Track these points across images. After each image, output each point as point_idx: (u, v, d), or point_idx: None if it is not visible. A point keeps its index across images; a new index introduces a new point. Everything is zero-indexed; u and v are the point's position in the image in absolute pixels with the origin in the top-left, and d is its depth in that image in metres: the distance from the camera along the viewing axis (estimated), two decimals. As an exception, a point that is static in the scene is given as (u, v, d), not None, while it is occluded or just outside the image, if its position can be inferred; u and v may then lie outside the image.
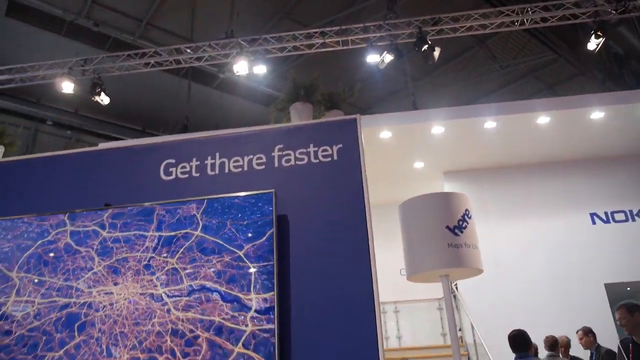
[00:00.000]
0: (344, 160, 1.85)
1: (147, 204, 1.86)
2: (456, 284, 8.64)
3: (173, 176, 1.97)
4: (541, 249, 8.70)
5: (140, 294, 1.66)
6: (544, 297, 8.10)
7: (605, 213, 9.48)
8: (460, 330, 9.25)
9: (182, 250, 1.76)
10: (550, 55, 11.63)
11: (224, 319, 1.61)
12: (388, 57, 6.94)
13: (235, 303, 1.64)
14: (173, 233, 1.79)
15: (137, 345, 1.55)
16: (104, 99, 7.79)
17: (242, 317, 1.61)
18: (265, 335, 1.57)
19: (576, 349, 5.94)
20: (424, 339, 9.61)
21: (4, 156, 2.32)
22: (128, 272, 1.70)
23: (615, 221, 9.43)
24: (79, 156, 2.09)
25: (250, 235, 1.74)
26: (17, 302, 1.61)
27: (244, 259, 1.71)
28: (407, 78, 10.29)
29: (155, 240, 1.78)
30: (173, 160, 2.00)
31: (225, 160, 1.95)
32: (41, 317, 1.61)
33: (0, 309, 1.65)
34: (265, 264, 1.68)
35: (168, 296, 1.65)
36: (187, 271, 1.71)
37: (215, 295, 1.66)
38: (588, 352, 5.57)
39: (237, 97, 12.77)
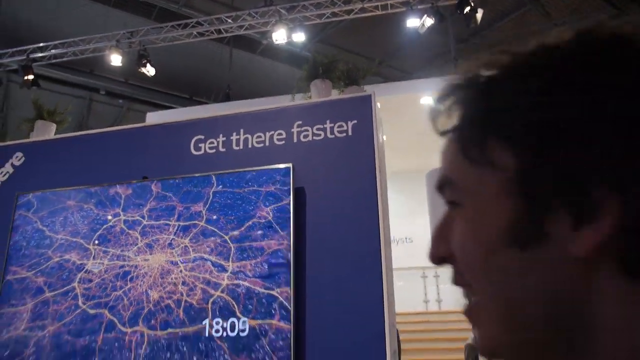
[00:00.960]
0: (358, 136, 1.96)
1: (178, 177, 2.06)
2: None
3: (202, 151, 2.16)
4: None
5: (165, 260, 1.95)
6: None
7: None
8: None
9: (202, 220, 1.96)
10: (611, 12, 10.89)
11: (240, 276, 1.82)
12: (428, 21, 6.79)
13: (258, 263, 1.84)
14: (198, 205, 1.99)
15: (162, 290, 1.95)
16: (149, 70, 8.12)
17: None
18: (280, 296, 1.77)
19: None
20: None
21: (55, 133, 2.58)
22: (158, 245, 1.98)
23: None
24: (122, 133, 2.31)
25: (270, 205, 1.91)
26: (93, 264, 2.02)
27: (264, 226, 1.89)
28: (449, 40, 9.98)
29: (182, 213, 1.99)
30: (202, 137, 2.17)
31: (249, 136, 2.11)
32: (108, 272, 1.99)
33: (85, 267, 2.06)
34: (284, 234, 1.85)
35: (182, 262, 1.89)
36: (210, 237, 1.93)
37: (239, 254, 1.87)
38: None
39: (280, 63, 12.89)
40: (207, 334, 1.84)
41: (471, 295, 0.39)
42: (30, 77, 8.38)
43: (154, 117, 8.49)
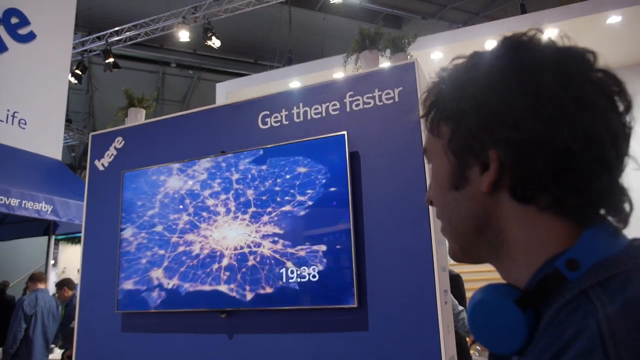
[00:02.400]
0: (404, 101, 2.15)
1: (251, 149, 2.39)
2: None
3: (268, 125, 2.45)
4: None
5: (240, 225, 2.28)
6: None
7: None
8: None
9: (271, 185, 2.28)
10: None
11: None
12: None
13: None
14: (268, 174, 2.31)
15: (233, 251, 2.19)
16: (215, 43, 8.51)
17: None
18: (341, 247, 2.07)
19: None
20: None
21: (145, 118, 3.00)
22: (240, 211, 2.31)
23: None
24: (200, 114, 2.66)
25: (330, 168, 2.19)
26: (189, 231, 2.33)
27: (325, 188, 2.18)
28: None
29: (258, 178, 2.33)
30: (268, 112, 2.46)
31: (308, 108, 2.37)
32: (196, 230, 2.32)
33: (183, 232, 2.38)
34: (343, 192, 2.14)
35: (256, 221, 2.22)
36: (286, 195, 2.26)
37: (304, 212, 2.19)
38: None
39: (340, 18, 12.78)
40: (284, 279, 2.20)
41: (440, 221, 0.59)
42: (111, 60, 9.12)
43: (223, 87, 8.95)
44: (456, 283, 3.67)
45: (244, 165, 2.38)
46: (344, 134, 2.18)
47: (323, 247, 2.16)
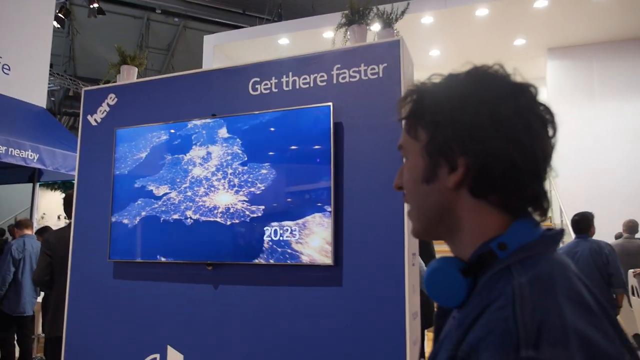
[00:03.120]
0: (387, 77, 2.28)
1: (241, 114, 2.51)
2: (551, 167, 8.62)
3: (258, 92, 2.56)
4: (651, 131, 8.14)
5: (223, 186, 2.44)
6: (644, 182, 7.79)
7: None
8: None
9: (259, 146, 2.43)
10: None
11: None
12: None
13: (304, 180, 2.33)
14: (260, 134, 2.45)
15: (219, 209, 2.37)
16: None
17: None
18: (323, 205, 2.26)
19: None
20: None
21: (137, 76, 3.07)
22: (220, 177, 2.46)
23: None
24: (193, 76, 2.75)
25: (314, 137, 2.33)
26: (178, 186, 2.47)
27: (309, 155, 2.34)
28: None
29: (246, 142, 2.47)
30: (258, 79, 2.57)
31: (296, 78, 2.48)
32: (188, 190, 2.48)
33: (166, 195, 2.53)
34: (325, 159, 2.30)
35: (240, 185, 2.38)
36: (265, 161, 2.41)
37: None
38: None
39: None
40: (267, 235, 2.39)
41: (408, 206, 0.74)
42: (96, 5, 8.86)
43: (210, 40, 8.83)
44: (426, 245, 3.93)
45: (234, 129, 2.51)
46: (329, 105, 2.32)
47: (305, 209, 2.34)
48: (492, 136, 0.62)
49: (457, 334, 0.59)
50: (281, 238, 2.36)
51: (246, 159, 2.47)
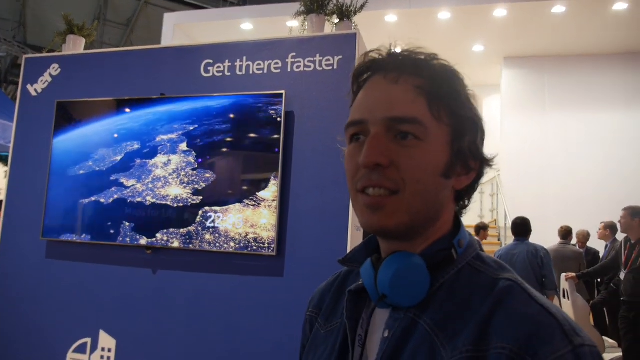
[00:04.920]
0: (342, 70, 2.27)
1: (191, 95, 2.44)
2: (499, 172, 8.96)
3: (210, 74, 2.50)
4: (595, 143, 8.51)
5: (175, 164, 2.37)
6: (587, 191, 8.14)
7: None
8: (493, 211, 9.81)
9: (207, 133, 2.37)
10: None
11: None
12: None
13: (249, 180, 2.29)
14: (206, 123, 2.39)
15: (161, 191, 2.31)
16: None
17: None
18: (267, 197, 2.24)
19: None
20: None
21: (84, 48, 2.92)
22: (166, 152, 2.38)
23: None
24: (143, 52, 2.64)
25: (265, 125, 2.30)
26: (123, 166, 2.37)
27: (258, 143, 2.31)
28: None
29: (194, 125, 2.40)
30: (211, 61, 2.50)
31: (250, 63, 2.43)
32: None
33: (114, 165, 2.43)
34: (274, 148, 2.27)
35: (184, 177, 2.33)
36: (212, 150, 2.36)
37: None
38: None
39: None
40: (209, 222, 2.34)
41: (389, 192, 0.60)
42: (50, -31, 8.35)
43: (170, 19, 8.56)
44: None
45: (183, 109, 2.44)
46: (282, 93, 2.29)
47: (251, 197, 2.31)
48: (483, 145, 0.67)
49: (466, 334, 0.55)
50: (226, 226, 2.32)
51: (192, 142, 2.41)
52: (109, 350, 2.49)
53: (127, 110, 2.55)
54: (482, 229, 6.18)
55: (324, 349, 0.70)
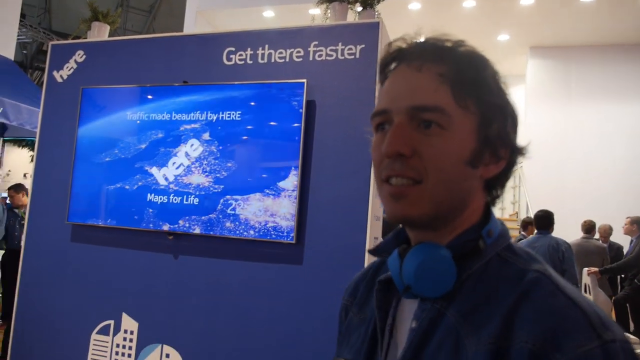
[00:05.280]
0: (364, 59, 2.25)
1: (213, 83, 2.45)
2: (522, 164, 8.81)
3: (232, 62, 2.50)
4: (621, 135, 8.33)
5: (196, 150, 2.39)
6: (611, 185, 7.98)
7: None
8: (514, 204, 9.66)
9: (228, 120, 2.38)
10: None
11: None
12: None
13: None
14: (230, 106, 2.40)
15: (184, 179, 2.33)
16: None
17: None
18: (290, 188, 2.24)
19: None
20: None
21: (109, 35, 2.95)
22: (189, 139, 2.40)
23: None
24: (165, 39, 2.66)
25: (287, 112, 2.30)
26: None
27: (279, 131, 2.31)
28: None
29: (217, 112, 2.42)
30: (233, 49, 2.50)
31: (272, 51, 2.42)
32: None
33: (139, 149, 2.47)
34: (295, 137, 2.27)
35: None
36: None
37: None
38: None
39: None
40: (230, 209, 2.37)
41: (412, 182, 0.59)
42: (75, -44, 8.44)
43: (193, 5, 8.57)
44: (391, 230, 3.96)
45: (205, 98, 2.45)
46: (304, 82, 2.28)
47: (271, 186, 2.32)
48: (515, 132, 0.64)
49: (491, 326, 0.54)
50: (246, 214, 2.34)
51: (214, 131, 2.43)
52: (131, 333, 2.55)
53: (150, 97, 2.58)
54: (529, 224, 6.01)
55: (357, 337, 0.71)
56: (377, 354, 0.65)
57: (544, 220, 4.50)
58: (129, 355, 2.54)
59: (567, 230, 5.81)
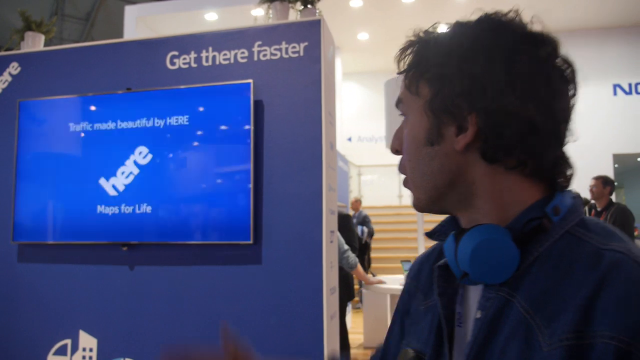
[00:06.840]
0: (308, 56, 2.29)
1: (157, 88, 2.42)
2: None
3: (177, 66, 2.47)
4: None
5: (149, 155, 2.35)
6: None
7: (629, 85, 9.32)
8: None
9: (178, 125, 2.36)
10: None
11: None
12: None
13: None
14: (177, 111, 2.37)
15: (131, 184, 2.29)
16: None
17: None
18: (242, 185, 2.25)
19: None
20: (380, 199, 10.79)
21: (44, 45, 2.84)
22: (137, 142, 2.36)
23: (637, 93, 9.30)
24: (106, 46, 2.59)
25: (235, 114, 2.30)
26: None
27: (229, 133, 2.31)
28: None
29: (163, 118, 2.38)
30: (177, 53, 2.47)
31: (217, 53, 2.42)
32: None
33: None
34: (245, 138, 2.28)
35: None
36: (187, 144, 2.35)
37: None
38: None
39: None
40: (184, 215, 2.34)
41: (406, 174, 0.63)
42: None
43: (132, 11, 8.35)
44: (346, 222, 4.03)
45: (150, 105, 2.41)
46: (250, 82, 2.29)
47: (224, 187, 2.31)
48: (508, 91, 0.54)
49: (566, 318, 0.47)
50: (201, 219, 2.32)
51: (162, 136, 2.39)
52: (90, 350, 2.47)
53: (93, 107, 2.51)
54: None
55: (424, 325, 0.66)
56: (444, 346, 0.60)
57: None
58: (90, 373, 2.46)
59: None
